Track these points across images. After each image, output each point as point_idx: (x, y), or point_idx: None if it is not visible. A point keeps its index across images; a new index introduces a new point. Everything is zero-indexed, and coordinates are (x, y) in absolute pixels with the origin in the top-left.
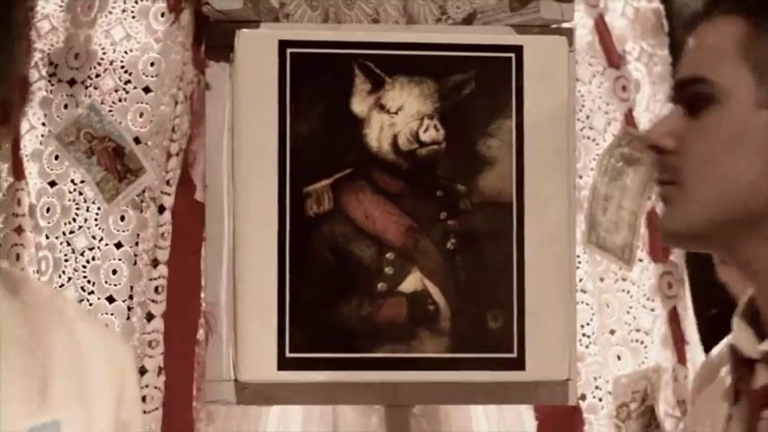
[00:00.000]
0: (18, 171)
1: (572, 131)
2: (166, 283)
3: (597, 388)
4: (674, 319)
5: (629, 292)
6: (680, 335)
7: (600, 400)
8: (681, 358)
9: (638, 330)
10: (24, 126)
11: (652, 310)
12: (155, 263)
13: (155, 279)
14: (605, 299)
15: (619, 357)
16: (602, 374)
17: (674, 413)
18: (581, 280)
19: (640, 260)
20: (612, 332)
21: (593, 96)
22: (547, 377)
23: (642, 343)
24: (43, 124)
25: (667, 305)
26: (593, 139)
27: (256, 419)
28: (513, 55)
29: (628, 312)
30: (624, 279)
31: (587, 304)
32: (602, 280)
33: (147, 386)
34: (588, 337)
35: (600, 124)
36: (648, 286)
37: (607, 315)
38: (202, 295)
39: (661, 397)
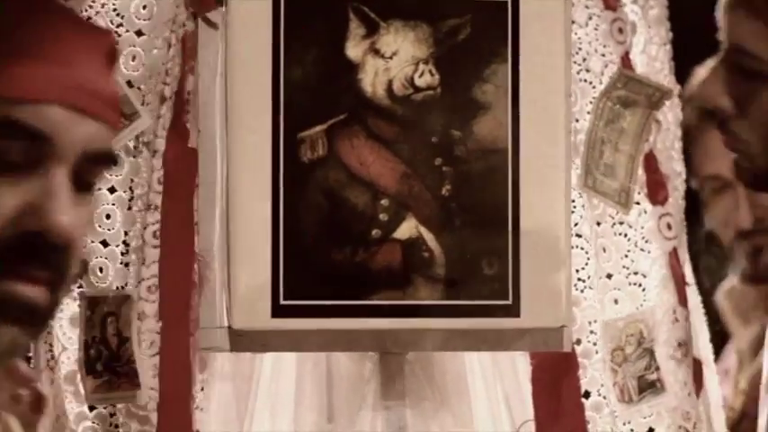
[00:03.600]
0: None
1: (568, 76)
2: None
3: (592, 332)
4: (674, 260)
5: (626, 235)
6: (681, 276)
7: (594, 344)
8: (681, 299)
9: (635, 273)
10: None
11: (649, 252)
12: (151, 207)
13: (153, 224)
14: (601, 243)
15: (616, 301)
16: (597, 319)
17: (675, 355)
18: (576, 224)
19: (637, 203)
20: (609, 276)
21: (590, 39)
22: (542, 324)
23: (640, 286)
24: None
25: (667, 246)
26: (590, 83)
27: (250, 367)
28: None
29: (626, 256)
30: (621, 222)
31: (582, 249)
32: (598, 224)
33: (147, 331)
34: (583, 281)
35: (597, 67)
36: (647, 229)
37: (603, 259)
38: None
39: (661, 339)
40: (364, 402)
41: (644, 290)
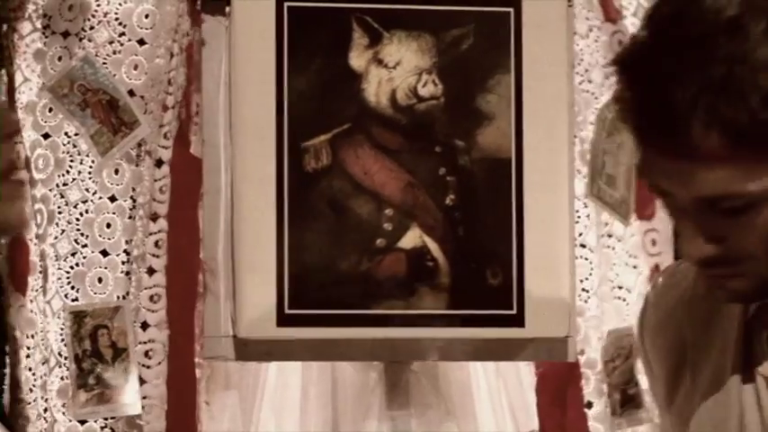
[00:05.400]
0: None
1: (571, 86)
2: (166, 237)
3: (594, 344)
4: (655, 276)
5: (613, 248)
6: None
7: (597, 354)
8: None
9: (620, 287)
10: (18, 78)
11: (635, 267)
12: (153, 217)
13: (154, 233)
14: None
15: (602, 313)
16: (600, 330)
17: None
18: (580, 234)
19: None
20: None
21: (591, 50)
22: (546, 334)
23: (624, 300)
24: (38, 76)
25: (650, 262)
26: (592, 93)
27: (255, 375)
28: (511, 9)
29: (611, 269)
30: (610, 235)
31: (587, 259)
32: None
33: (150, 341)
34: (587, 291)
35: (598, 78)
36: (632, 243)
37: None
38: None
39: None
40: (369, 412)
41: (627, 304)
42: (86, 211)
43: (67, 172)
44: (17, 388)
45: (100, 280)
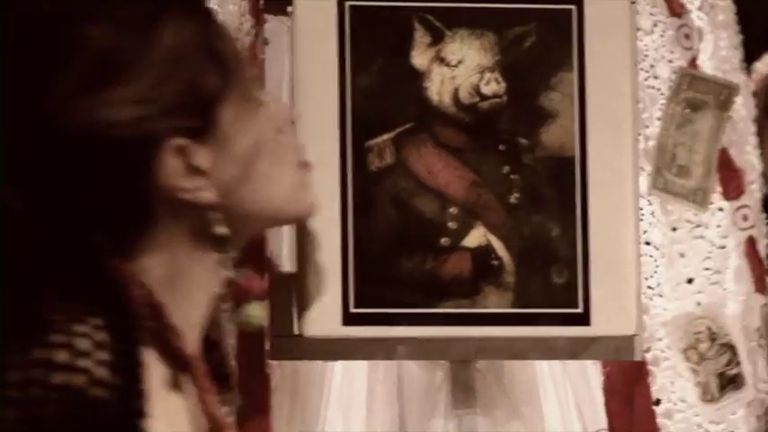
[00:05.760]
0: None
1: (635, 82)
2: None
3: (659, 340)
4: (750, 248)
5: (703, 237)
6: (757, 263)
7: (663, 351)
8: (759, 287)
9: (716, 272)
10: None
11: (724, 248)
12: None
13: None
14: (679, 249)
15: (699, 304)
16: (667, 326)
17: (751, 344)
18: (645, 232)
19: (711, 203)
20: (690, 281)
21: (656, 46)
22: (613, 332)
23: (720, 284)
24: None
25: (742, 236)
26: (658, 89)
27: (321, 375)
28: (573, 6)
29: (707, 258)
30: (699, 225)
31: (651, 256)
32: (674, 230)
33: None
34: (652, 289)
35: (664, 74)
36: (723, 227)
37: (682, 265)
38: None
39: (737, 330)
40: (435, 410)
41: (724, 288)
42: None
43: None
44: None
45: None
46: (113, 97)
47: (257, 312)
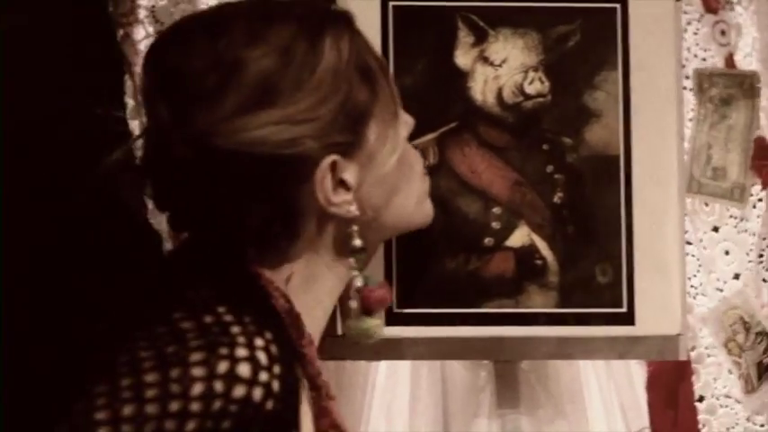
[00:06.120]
0: None
1: (679, 81)
2: None
3: (702, 337)
4: None
5: (746, 231)
6: None
7: (706, 348)
8: None
9: (760, 263)
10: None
11: (764, 238)
12: None
13: None
14: (725, 246)
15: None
16: (706, 322)
17: None
18: (686, 232)
19: (751, 195)
20: (737, 276)
21: (689, 44)
22: (657, 332)
23: (760, 274)
24: None
25: None
26: (691, 90)
27: (365, 375)
28: (618, 5)
29: (751, 251)
30: (742, 219)
31: (693, 255)
32: (716, 230)
33: None
34: (695, 288)
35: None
36: (764, 218)
37: (726, 262)
38: None
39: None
40: (479, 410)
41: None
42: None
43: None
44: None
45: None
46: (273, 118)
47: (378, 325)
